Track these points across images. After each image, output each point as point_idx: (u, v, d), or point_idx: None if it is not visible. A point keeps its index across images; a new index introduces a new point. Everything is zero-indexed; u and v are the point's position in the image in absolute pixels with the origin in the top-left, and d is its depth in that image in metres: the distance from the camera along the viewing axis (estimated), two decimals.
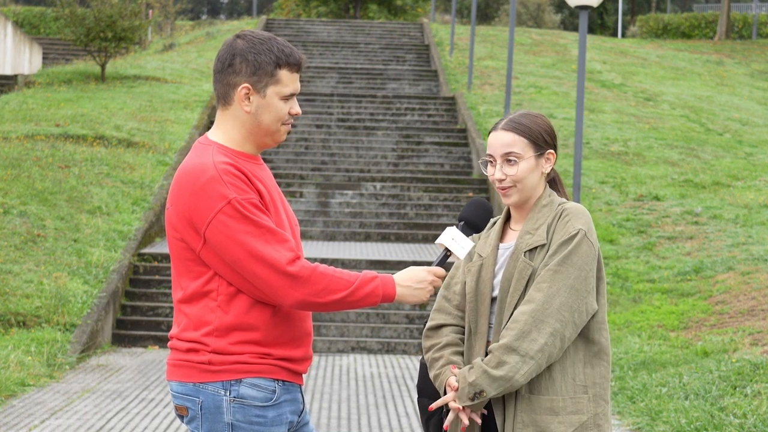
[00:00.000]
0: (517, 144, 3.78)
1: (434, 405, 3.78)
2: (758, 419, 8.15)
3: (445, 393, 3.77)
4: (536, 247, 3.73)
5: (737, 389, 9.02)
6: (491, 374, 3.62)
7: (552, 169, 3.88)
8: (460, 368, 3.78)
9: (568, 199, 3.87)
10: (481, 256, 3.86)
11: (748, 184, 18.44)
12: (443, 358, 3.82)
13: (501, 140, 3.79)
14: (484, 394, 3.64)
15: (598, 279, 3.75)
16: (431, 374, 3.84)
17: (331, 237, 18.08)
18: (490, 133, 3.87)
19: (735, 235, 15.18)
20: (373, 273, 3.57)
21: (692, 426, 8.25)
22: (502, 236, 3.89)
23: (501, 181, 3.79)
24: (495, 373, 3.62)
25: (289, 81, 3.59)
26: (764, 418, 8.17)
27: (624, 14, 56.32)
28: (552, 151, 3.83)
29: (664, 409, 8.82)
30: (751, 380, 9.19)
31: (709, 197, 17.48)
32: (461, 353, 3.85)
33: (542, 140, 3.81)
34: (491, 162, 3.82)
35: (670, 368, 10.24)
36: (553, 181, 3.91)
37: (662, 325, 12.23)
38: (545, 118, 3.87)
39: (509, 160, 3.78)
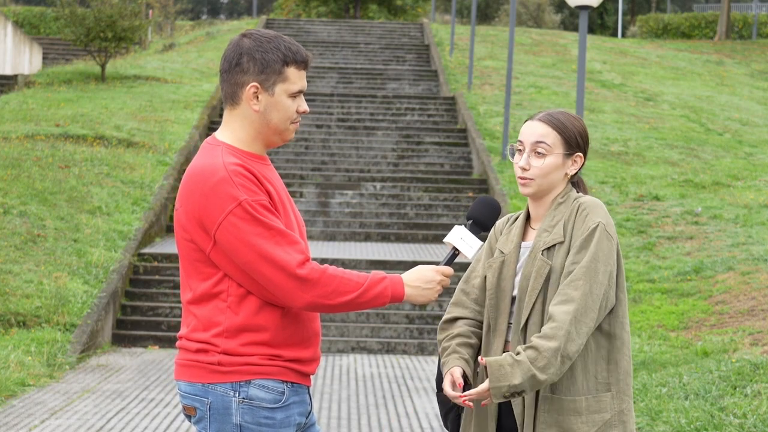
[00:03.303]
0: (550, 136, 3.77)
1: (465, 395, 3.65)
2: (758, 419, 8.14)
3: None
4: (554, 245, 3.70)
5: (737, 389, 9.02)
6: (538, 378, 3.54)
7: (577, 173, 3.86)
8: (467, 361, 3.75)
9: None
10: (502, 252, 3.82)
11: (748, 184, 18.43)
12: (450, 348, 3.79)
13: (535, 130, 3.79)
14: (524, 394, 3.60)
15: (618, 273, 3.71)
16: (441, 361, 3.82)
17: (331, 237, 18.07)
18: (525, 123, 3.85)
19: (735, 235, 15.16)
20: (381, 273, 3.56)
21: (692, 426, 8.24)
22: (523, 235, 3.85)
23: (524, 170, 3.77)
24: (541, 377, 3.54)
25: (296, 78, 3.59)
26: (764, 418, 8.16)
27: (624, 14, 56.30)
28: (580, 154, 3.81)
29: (664, 409, 8.81)
30: (751, 380, 9.18)
31: (709, 197, 17.47)
32: (470, 345, 3.82)
33: (574, 141, 3.80)
34: (520, 150, 3.81)
35: (670, 368, 10.24)
36: (576, 185, 3.88)
37: (662, 325, 12.22)
38: (582, 121, 3.86)
39: (538, 152, 3.76)
